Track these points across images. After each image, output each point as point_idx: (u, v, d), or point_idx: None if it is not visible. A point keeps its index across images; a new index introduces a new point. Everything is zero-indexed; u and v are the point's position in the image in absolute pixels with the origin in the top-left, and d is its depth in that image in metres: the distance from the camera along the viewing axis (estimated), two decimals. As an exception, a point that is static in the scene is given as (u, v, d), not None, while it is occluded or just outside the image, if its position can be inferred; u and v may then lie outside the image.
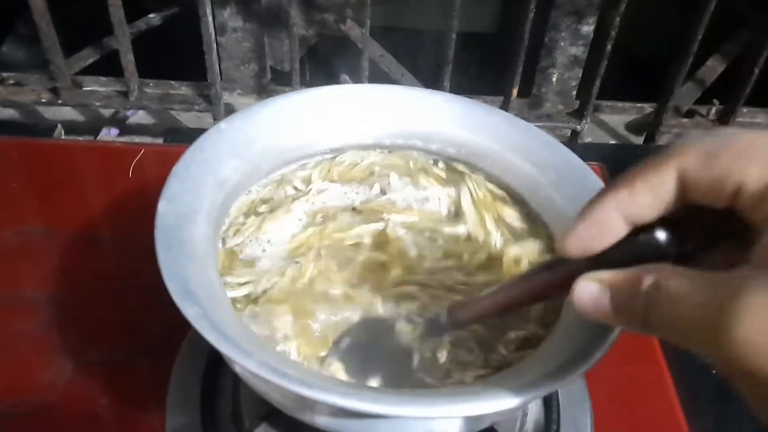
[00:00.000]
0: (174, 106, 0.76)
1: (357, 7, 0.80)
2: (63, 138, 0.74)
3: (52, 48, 0.70)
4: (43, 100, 0.74)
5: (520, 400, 0.29)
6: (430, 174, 0.44)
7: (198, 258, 0.34)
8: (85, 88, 0.76)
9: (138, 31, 0.84)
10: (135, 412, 0.46)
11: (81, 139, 0.77)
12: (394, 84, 0.47)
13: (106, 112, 0.81)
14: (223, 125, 0.39)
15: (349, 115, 0.43)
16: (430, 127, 0.44)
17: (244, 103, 0.81)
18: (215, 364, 0.45)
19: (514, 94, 0.75)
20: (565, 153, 0.41)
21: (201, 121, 0.80)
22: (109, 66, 0.78)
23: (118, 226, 0.59)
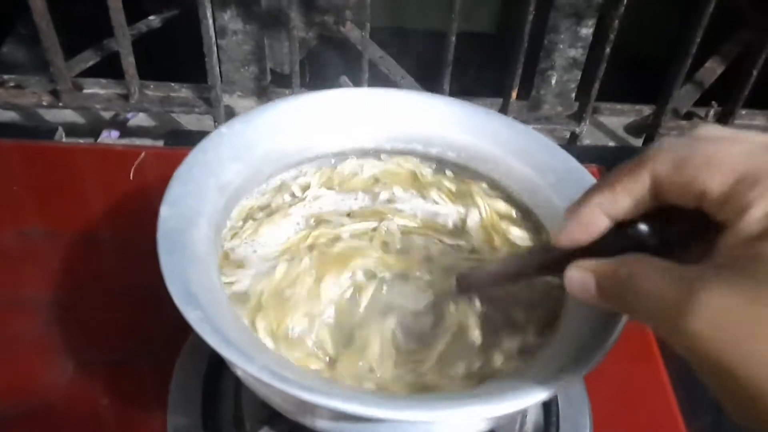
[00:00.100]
0: (174, 108, 0.76)
1: (357, 9, 0.81)
2: (64, 141, 0.75)
3: (52, 50, 0.70)
4: (44, 103, 0.74)
5: (521, 404, 0.29)
6: (442, 189, 0.44)
7: (200, 261, 0.34)
8: (85, 91, 0.76)
9: (138, 33, 0.84)
10: (136, 413, 0.46)
11: (82, 141, 0.77)
12: (393, 85, 0.47)
13: (107, 115, 0.81)
14: (224, 129, 0.40)
15: (349, 118, 0.44)
16: (431, 130, 0.44)
17: (244, 105, 0.81)
18: (217, 367, 0.46)
19: (514, 96, 0.75)
20: (564, 156, 0.41)
21: (201, 123, 0.80)
22: (109, 67, 0.78)
23: (119, 227, 0.59)
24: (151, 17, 0.87)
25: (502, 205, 0.43)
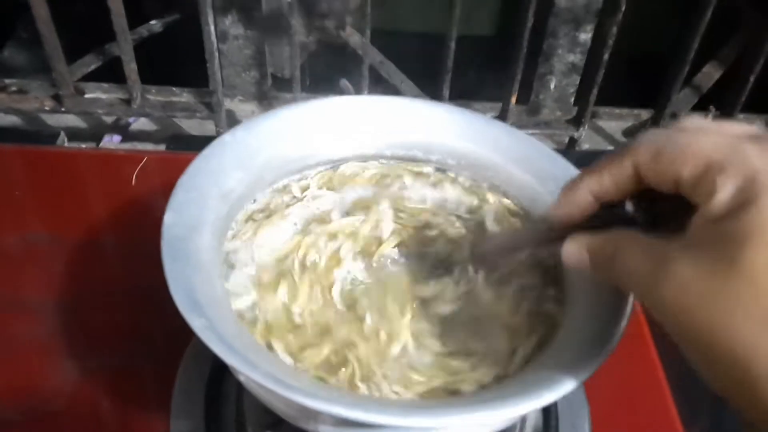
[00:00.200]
0: (176, 113, 0.76)
1: (357, 14, 0.81)
2: (66, 145, 0.75)
3: (55, 56, 0.70)
4: (46, 108, 0.75)
5: (524, 409, 0.29)
6: (456, 182, 0.44)
7: (203, 269, 0.34)
8: (87, 96, 0.76)
9: (139, 38, 0.84)
10: (139, 417, 0.47)
11: (84, 146, 0.77)
12: (393, 90, 0.47)
13: (109, 119, 0.81)
14: (227, 137, 0.40)
15: (350, 126, 0.44)
16: (432, 138, 0.44)
17: (245, 109, 0.82)
18: (219, 371, 0.46)
19: (513, 102, 0.76)
20: (564, 164, 0.42)
21: (203, 127, 0.80)
22: (110, 71, 0.79)
23: (121, 232, 0.59)
24: (152, 22, 0.87)
25: (510, 203, 0.43)
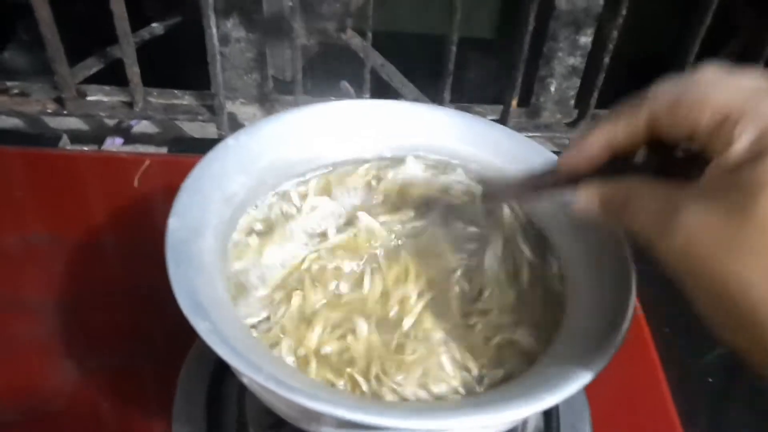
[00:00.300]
0: (178, 116, 0.76)
1: (358, 16, 0.81)
2: (68, 148, 0.75)
3: (57, 59, 0.71)
4: (48, 111, 0.75)
5: (527, 411, 0.29)
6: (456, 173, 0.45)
7: (206, 272, 0.35)
8: (89, 98, 0.76)
9: (141, 41, 0.85)
10: (140, 418, 0.47)
11: (86, 148, 0.78)
12: (394, 92, 0.48)
13: (111, 122, 0.81)
14: (230, 141, 0.40)
15: (352, 129, 0.44)
16: (432, 141, 0.45)
17: (247, 112, 0.82)
18: (221, 373, 0.46)
19: (514, 105, 0.76)
20: (564, 168, 0.42)
21: (205, 130, 0.80)
22: (112, 73, 0.79)
23: (123, 234, 0.59)
24: (153, 24, 0.87)
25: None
